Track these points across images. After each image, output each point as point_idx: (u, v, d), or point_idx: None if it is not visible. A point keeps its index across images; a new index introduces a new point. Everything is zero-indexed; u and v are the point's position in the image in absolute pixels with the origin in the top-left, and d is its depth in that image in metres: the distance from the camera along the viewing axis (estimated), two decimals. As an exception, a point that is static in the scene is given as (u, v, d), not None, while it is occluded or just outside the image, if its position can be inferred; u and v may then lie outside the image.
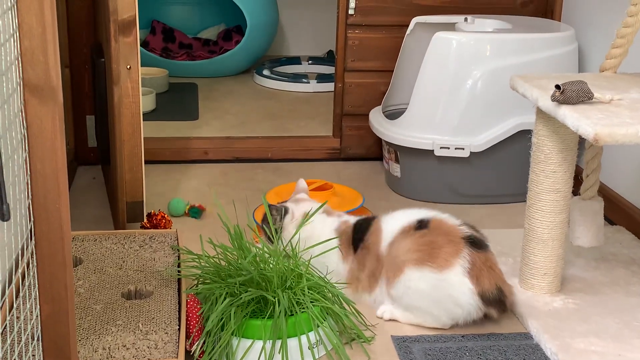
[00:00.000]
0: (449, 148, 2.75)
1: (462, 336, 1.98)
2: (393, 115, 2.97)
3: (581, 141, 2.08)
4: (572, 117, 1.85)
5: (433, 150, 2.76)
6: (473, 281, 1.92)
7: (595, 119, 1.82)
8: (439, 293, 1.94)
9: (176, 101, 3.87)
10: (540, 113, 2.04)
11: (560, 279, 2.16)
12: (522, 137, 2.65)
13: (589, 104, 1.92)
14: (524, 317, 2.05)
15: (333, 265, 2.08)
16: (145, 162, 2.38)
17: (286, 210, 2.14)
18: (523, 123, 2.72)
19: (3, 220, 1.05)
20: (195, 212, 2.60)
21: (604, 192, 2.56)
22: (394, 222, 2.05)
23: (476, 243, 1.96)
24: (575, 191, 2.17)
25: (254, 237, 2.27)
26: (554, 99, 1.91)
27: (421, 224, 2.00)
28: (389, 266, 2.00)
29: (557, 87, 1.90)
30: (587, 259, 2.36)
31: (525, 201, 2.14)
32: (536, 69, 2.71)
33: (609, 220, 2.66)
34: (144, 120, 2.33)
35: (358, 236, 2.10)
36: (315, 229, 2.11)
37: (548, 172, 2.05)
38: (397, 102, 3.07)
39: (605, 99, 1.94)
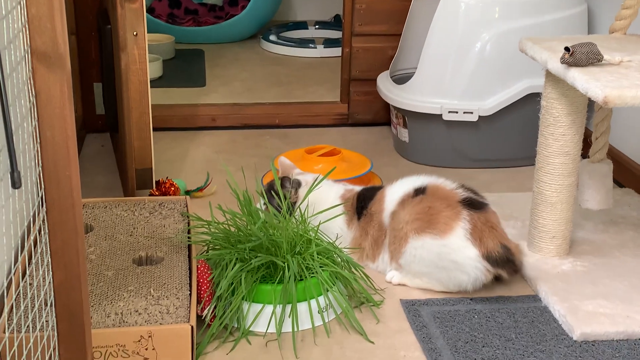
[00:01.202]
0: (457, 112, 2.74)
1: (471, 299, 1.99)
2: (401, 79, 2.96)
3: (590, 103, 2.07)
4: (582, 79, 1.84)
5: (441, 115, 2.75)
6: (476, 243, 1.92)
7: (605, 81, 1.81)
8: (444, 260, 1.94)
9: (183, 68, 3.86)
10: (550, 76, 2.02)
11: (569, 242, 2.17)
12: (531, 100, 2.64)
13: (599, 66, 1.90)
14: (532, 280, 2.05)
15: (337, 231, 2.10)
16: (153, 129, 2.38)
17: (299, 183, 2.15)
18: (532, 86, 2.70)
19: (14, 187, 1.06)
20: (194, 190, 2.57)
21: (613, 155, 2.55)
22: (395, 191, 2.07)
23: (474, 204, 1.96)
24: (584, 154, 2.17)
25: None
26: (563, 61, 1.90)
27: (418, 191, 2.01)
28: (393, 238, 2.01)
29: (567, 49, 1.89)
30: (595, 222, 2.36)
31: (534, 164, 2.14)
32: (545, 31, 2.68)
33: (618, 182, 2.65)
34: (150, 87, 2.33)
35: (361, 204, 2.11)
36: (321, 194, 2.12)
37: (557, 135, 2.05)
38: (405, 67, 3.05)
39: (615, 60, 1.92)
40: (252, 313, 1.84)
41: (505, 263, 1.95)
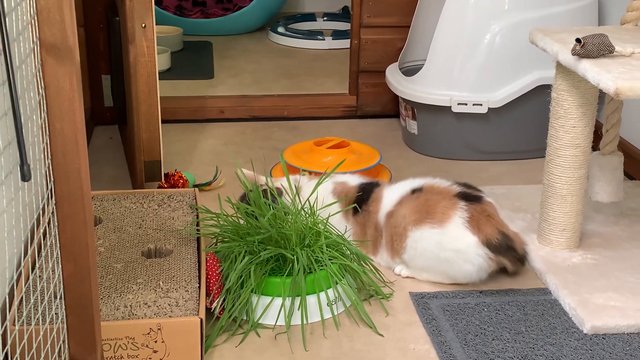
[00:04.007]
0: (466, 104, 2.73)
1: (481, 292, 1.99)
2: (410, 71, 2.94)
3: (601, 95, 2.06)
4: (593, 71, 1.82)
5: (450, 107, 2.74)
6: (474, 231, 1.93)
7: (617, 72, 1.79)
8: (445, 250, 1.94)
9: (191, 60, 3.85)
10: (560, 67, 2.01)
11: (579, 235, 2.16)
12: (541, 92, 2.62)
13: (610, 58, 1.89)
14: (542, 273, 2.05)
15: (339, 227, 2.08)
16: (162, 122, 2.38)
17: (281, 192, 2.07)
18: (542, 78, 2.69)
19: (24, 180, 1.05)
20: (203, 184, 2.57)
21: (624, 147, 2.53)
22: (392, 192, 2.07)
23: (469, 197, 1.98)
24: (595, 146, 2.15)
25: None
26: (574, 52, 1.89)
27: (415, 190, 2.03)
28: (394, 236, 2.01)
29: (578, 40, 1.87)
30: (606, 215, 2.34)
31: (544, 157, 2.13)
32: (555, 22, 2.67)
33: (629, 175, 2.64)
34: (159, 79, 2.33)
35: (361, 199, 2.09)
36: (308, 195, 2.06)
37: (567, 127, 2.03)
38: (414, 59, 3.04)
39: (627, 52, 1.91)
40: (261, 306, 1.84)
41: (506, 250, 1.95)
